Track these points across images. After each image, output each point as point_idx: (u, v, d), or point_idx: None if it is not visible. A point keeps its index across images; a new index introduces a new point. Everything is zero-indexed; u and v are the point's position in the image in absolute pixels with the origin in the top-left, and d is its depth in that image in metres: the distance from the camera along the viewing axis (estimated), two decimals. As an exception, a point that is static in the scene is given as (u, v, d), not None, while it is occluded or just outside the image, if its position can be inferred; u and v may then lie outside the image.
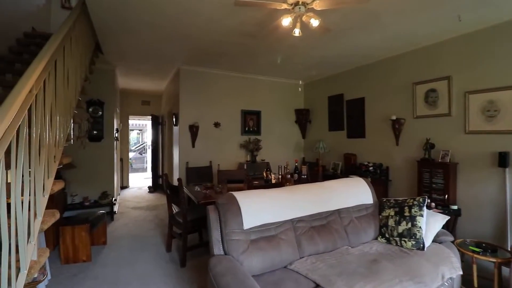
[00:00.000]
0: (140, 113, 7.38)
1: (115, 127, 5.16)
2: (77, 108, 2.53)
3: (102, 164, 4.64)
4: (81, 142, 3.49)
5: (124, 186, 7.10)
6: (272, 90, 5.70)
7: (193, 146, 4.78)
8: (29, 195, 1.31)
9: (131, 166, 11.42)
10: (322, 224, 2.19)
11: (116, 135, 5.13)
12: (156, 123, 7.11)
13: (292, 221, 2.03)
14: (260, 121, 5.50)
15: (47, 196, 1.60)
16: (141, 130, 14.13)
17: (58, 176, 4.19)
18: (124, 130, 7.14)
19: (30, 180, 1.33)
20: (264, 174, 3.46)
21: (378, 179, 4.04)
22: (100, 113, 4.58)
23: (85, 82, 3.05)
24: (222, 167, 4.75)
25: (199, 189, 3.09)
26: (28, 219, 1.30)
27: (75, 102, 2.35)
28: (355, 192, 2.49)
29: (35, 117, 1.36)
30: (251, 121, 5.40)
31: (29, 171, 1.33)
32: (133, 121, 12.11)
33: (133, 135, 14.76)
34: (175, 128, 5.10)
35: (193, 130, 4.70)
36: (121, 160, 6.98)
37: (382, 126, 4.22)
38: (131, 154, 11.86)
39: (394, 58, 4.02)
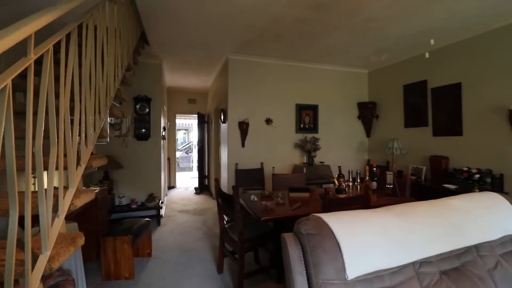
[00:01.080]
0: (187, 112, 7.20)
1: (162, 125, 4.91)
2: (118, 99, 2.13)
3: (149, 164, 4.40)
4: (123, 140, 3.20)
5: (171, 186, 6.98)
6: (331, 80, 4.89)
7: (243, 145, 4.25)
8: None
9: (178, 165, 11.56)
10: (455, 268, 1.40)
11: (163, 134, 4.88)
12: (202, 122, 6.83)
13: (413, 264, 1.30)
14: (317, 117, 4.75)
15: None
16: (187, 130, 14.37)
17: (106, 177, 4.06)
18: (171, 128, 7.01)
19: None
20: (335, 181, 2.73)
21: (488, 191, 2.98)
22: (147, 110, 4.33)
23: (129, 72, 2.69)
24: (275, 170, 4.13)
25: (255, 199, 2.51)
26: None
27: (113, 91, 1.93)
28: (496, 217, 1.63)
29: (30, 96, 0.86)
30: (307, 117, 4.69)
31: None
32: (179, 121, 12.29)
33: (180, 135, 15.12)
34: (223, 126, 4.65)
35: (243, 128, 4.17)
36: (169, 159, 6.85)
37: (490, 120, 3.15)
38: (178, 154, 12.04)
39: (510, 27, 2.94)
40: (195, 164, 10.62)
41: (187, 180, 8.65)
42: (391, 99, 4.63)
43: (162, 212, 4.55)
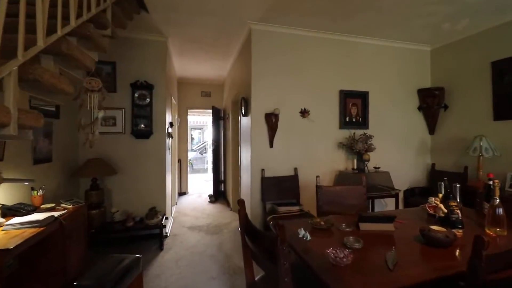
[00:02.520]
0: (200, 106, 6.25)
1: (169, 120, 3.97)
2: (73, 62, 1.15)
3: (151, 169, 3.45)
4: (87, 137, 2.17)
5: (182, 192, 6.06)
6: (385, 60, 3.74)
7: (271, 145, 3.20)
8: None
9: (191, 167, 10.72)
10: None
11: (170, 131, 3.93)
12: (217, 117, 5.86)
13: None
14: (367, 108, 3.61)
15: None
16: (201, 129, 13.55)
17: (94, 186, 3.15)
18: (183, 126, 6.10)
19: None
20: (439, 204, 1.62)
21: None
22: (148, 100, 3.39)
23: (104, 31, 1.72)
24: (314, 178, 3.05)
25: (307, 237, 1.45)
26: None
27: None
28: None
29: None
30: (353, 108, 3.57)
31: None
32: (193, 118, 11.43)
33: (194, 134, 14.34)
34: (244, 121, 3.63)
35: (271, 122, 3.13)
36: (179, 161, 5.95)
37: None
38: (191, 154, 11.21)
39: None
40: (209, 166, 9.73)
41: (200, 184, 7.74)
42: (470, 82, 3.42)
43: (168, 229, 3.60)
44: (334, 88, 3.50)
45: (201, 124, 12.51)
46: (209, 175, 8.98)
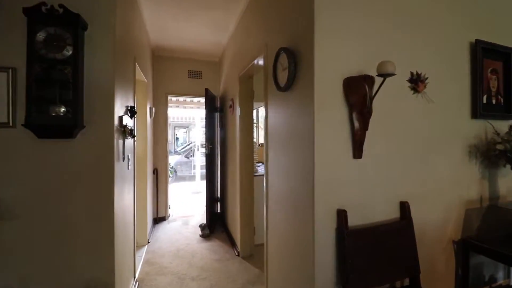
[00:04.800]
0: (187, 91, 4.33)
1: (126, 103, 2.07)
2: None
3: (81, 207, 1.55)
4: None
5: (160, 218, 4.13)
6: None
7: (358, 154, 1.39)
8: None
9: (175, 174, 8.73)
10: None
11: (127, 123, 2.01)
12: (212, 108, 3.98)
13: None
14: None
15: None
16: (187, 127, 11.54)
17: None
18: (160, 120, 4.17)
19: None
20: None
21: None
22: (70, 51, 1.48)
23: None
24: (426, 215, 1.30)
25: None
26: None
27: None
28: None
29: None
30: (493, 78, 1.83)
31: None
32: (175, 112, 9.38)
33: (178, 134, 12.29)
34: (281, 105, 1.80)
35: (361, 97, 1.31)
36: (155, 172, 4.02)
37: None
38: (174, 158, 9.22)
39: None
40: (198, 172, 7.83)
41: (186, 199, 5.81)
42: None
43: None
44: (460, 37, 1.75)
45: (186, 120, 10.50)
46: (198, 185, 7.08)
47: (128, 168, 2.09)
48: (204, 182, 7.19)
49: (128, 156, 2.09)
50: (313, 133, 1.33)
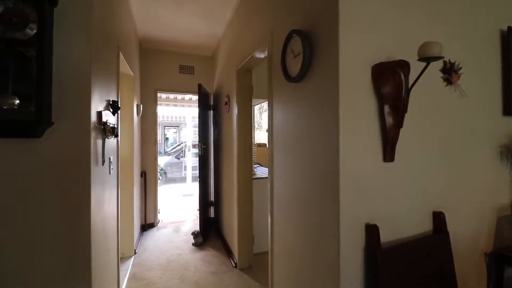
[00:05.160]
0: (178, 87, 4.02)
1: (106, 97, 1.78)
2: None
3: (45, 221, 1.26)
4: None
5: (148, 225, 3.81)
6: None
7: (389, 157, 1.15)
8: None
9: (165, 176, 8.37)
10: None
11: (111, 123, 1.72)
12: (205, 106, 3.70)
13: None
14: (541, 74, 1.71)
15: None
16: (177, 127, 11.16)
17: None
18: (149, 118, 3.85)
19: None
20: None
21: None
22: (34, 29, 1.19)
23: None
24: (457, 225, 1.07)
25: None
26: None
27: None
28: None
29: None
30: (525, 71, 1.64)
31: None
32: (165, 111, 9.00)
33: (168, 134, 11.90)
34: (291, 99, 1.55)
35: (395, 87, 1.09)
36: (143, 175, 3.71)
37: None
38: (164, 159, 8.85)
39: None
40: (189, 173, 7.51)
41: (177, 203, 5.49)
42: None
43: None
44: (489, 24, 1.55)
45: (176, 120, 10.13)
46: (189, 187, 6.77)
47: (110, 173, 1.80)
48: (195, 184, 6.88)
49: (110, 158, 1.79)
50: (337, 132, 1.08)
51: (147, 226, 3.77)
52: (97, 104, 1.49)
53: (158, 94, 3.99)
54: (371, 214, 1.14)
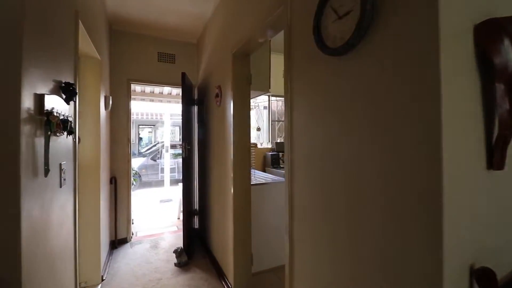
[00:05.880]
0: (156, 78, 3.44)
1: (61, 79, 1.23)
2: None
3: None
4: None
5: (120, 240, 3.20)
6: None
7: (496, 163, 0.77)
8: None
9: (139, 180, 7.64)
10: None
11: (63, 114, 1.18)
12: (189, 100, 3.18)
13: None
14: None
15: None
16: (153, 126, 10.36)
17: None
18: (120, 113, 3.25)
19: None
20: None
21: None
22: None
23: None
24: None
25: None
26: None
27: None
28: None
29: None
30: None
31: None
32: (139, 107, 8.21)
33: (142, 134, 11.04)
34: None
35: None
36: (113, 181, 3.10)
37: None
38: (138, 161, 8.08)
39: None
40: (167, 176, 6.86)
41: (154, 210, 4.86)
42: None
43: None
44: None
45: (152, 117, 9.35)
46: (167, 192, 6.15)
47: (60, 186, 1.25)
48: (174, 188, 6.27)
49: (61, 165, 1.25)
50: (438, 132, 0.67)
51: (118, 242, 3.16)
52: (35, 83, 0.96)
53: (132, 86, 3.40)
54: (477, 250, 0.74)
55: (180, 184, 4.16)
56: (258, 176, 2.90)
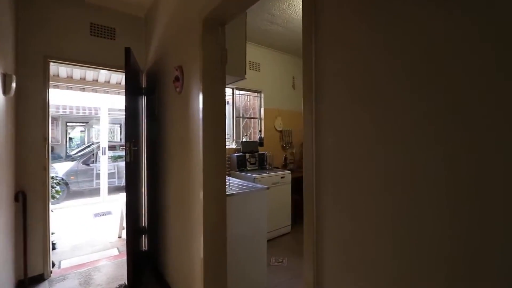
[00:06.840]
0: (87, 57, 2.60)
1: None
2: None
3: None
4: None
5: (32, 279, 2.29)
6: None
7: None
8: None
9: (67, 189, 6.27)
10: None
11: None
12: (135, 89, 2.47)
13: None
14: None
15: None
16: (86, 123, 8.78)
17: None
18: (31, 100, 2.34)
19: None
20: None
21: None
22: None
23: None
24: None
25: None
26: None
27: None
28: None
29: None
30: None
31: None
32: (67, 100, 6.67)
33: (72, 133, 9.28)
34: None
35: None
36: (20, 197, 2.20)
37: None
38: (66, 166, 6.65)
39: None
40: (104, 183, 5.71)
41: (86, 228, 3.85)
42: None
43: None
44: None
45: (85, 112, 7.86)
46: (104, 203, 5.11)
47: None
48: (113, 197, 5.24)
49: None
50: None
51: (30, 281, 2.25)
52: None
53: (54, 68, 2.51)
54: None
55: (122, 193, 3.35)
56: (232, 184, 2.36)
